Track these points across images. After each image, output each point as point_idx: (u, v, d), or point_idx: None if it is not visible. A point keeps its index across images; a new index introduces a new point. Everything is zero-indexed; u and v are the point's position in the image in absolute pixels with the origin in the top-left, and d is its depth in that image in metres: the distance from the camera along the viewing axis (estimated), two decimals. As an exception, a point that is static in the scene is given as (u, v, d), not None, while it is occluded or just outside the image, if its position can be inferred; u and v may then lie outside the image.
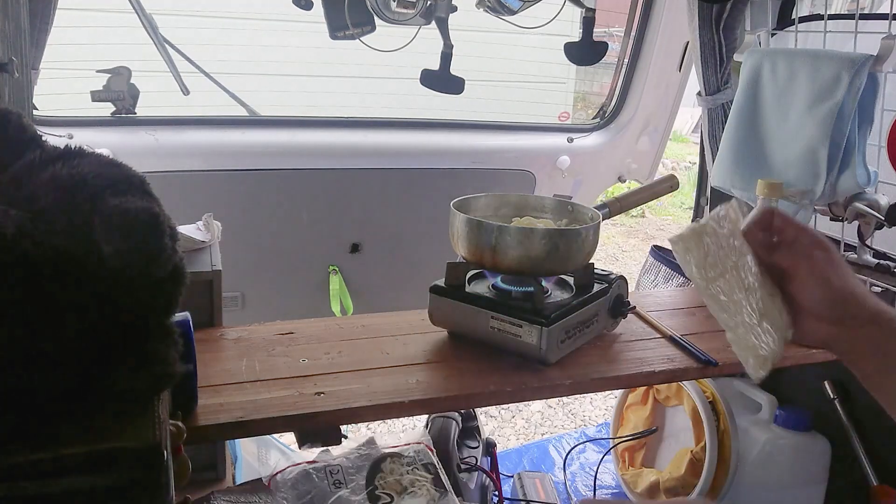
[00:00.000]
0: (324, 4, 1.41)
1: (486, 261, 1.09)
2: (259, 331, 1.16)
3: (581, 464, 2.12)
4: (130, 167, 0.67)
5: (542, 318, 1.05)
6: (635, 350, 1.18)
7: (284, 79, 3.47)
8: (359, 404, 0.95)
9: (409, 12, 1.40)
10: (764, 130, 1.44)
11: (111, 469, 0.56)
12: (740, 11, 1.61)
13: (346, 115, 2.11)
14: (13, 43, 1.05)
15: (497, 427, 2.79)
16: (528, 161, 2.14)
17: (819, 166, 1.32)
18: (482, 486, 1.58)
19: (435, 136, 2.11)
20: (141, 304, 0.63)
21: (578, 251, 1.09)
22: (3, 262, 0.55)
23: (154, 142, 1.77)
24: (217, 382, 0.98)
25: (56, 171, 0.63)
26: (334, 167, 1.96)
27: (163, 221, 0.60)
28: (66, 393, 0.59)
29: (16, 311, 0.55)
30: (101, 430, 0.58)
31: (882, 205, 1.30)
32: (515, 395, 1.05)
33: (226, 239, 1.28)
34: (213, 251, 1.22)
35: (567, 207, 1.25)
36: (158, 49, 1.82)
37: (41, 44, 1.34)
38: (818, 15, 1.54)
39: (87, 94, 1.71)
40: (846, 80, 1.27)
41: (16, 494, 0.54)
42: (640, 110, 2.18)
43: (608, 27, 3.59)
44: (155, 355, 0.65)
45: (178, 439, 0.75)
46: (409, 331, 1.19)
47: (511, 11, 1.46)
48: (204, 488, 1.14)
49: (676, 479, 1.73)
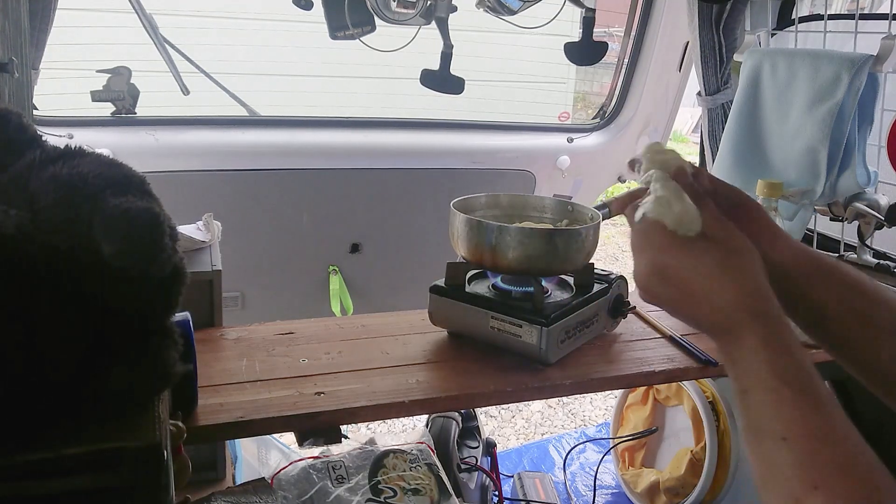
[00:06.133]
0: (324, 4, 1.41)
1: (486, 261, 1.09)
2: (259, 331, 1.16)
3: (581, 464, 2.12)
4: (130, 167, 0.67)
5: (542, 318, 1.05)
6: (635, 350, 1.18)
7: (284, 79, 3.47)
8: (359, 404, 0.95)
9: (409, 12, 1.40)
10: (764, 130, 1.44)
11: (111, 469, 0.56)
12: (740, 11, 1.61)
13: (346, 115, 2.11)
14: (13, 43, 1.05)
15: (497, 427, 2.79)
16: (528, 161, 2.14)
17: (819, 166, 1.32)
18: (482, 486, 1.58)
19: (435, 136, 2.11)
20: (141, 304, 0.63)
21: (578, 251, 1.09)
22: (3, 261, 0.55)
23: (154, 142, 1.77)
24: (217, 382, 0.98)
25: (56, 171, 0.63)
26: (334, 167, 1.96)
27: (163, 221, 0.60)
28: (66, 393, 0.59)
29: (16, 311, 0.55)
30: (101, 430, 0.58)
31: (882, 205, 1.30)
32: (515, 395, 1.05)
33: (226, 239, 1.28)
34: (213, 251, 1.22)
35: (567, 207, 1.24)
36: (158, 49, 1.82)
37: (41, 44, 1.34)
38: (818, 15, 1.54)
39: (87, 94, 1.71)
40: (846, 80, 1.27)
41: (16, 494, 0.54)
42: (640, 110, 2.18)
43: (608, 27, 3.59)
44: (155, 355, 0.65)
45: (178, 439, 0.75)
46: (409, 331, 1.19)
47: (511, 11, 1.46)
48: (204, 488, 1.14)
49: (676, 479, 1.73)
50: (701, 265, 0.58)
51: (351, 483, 1.18)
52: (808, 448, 0.49)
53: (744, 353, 0.55)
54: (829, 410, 0.51)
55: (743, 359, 0.55)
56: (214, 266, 1.15)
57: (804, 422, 0.50)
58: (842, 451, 0.49)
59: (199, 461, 1.17)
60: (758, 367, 0.53)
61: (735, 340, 0.56)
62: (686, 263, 0.58)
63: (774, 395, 0.52)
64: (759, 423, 0.52)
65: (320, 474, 1.18)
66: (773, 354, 0.53)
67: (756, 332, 0.54)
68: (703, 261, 0.58)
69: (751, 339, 0.54)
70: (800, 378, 0.52)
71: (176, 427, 0.75)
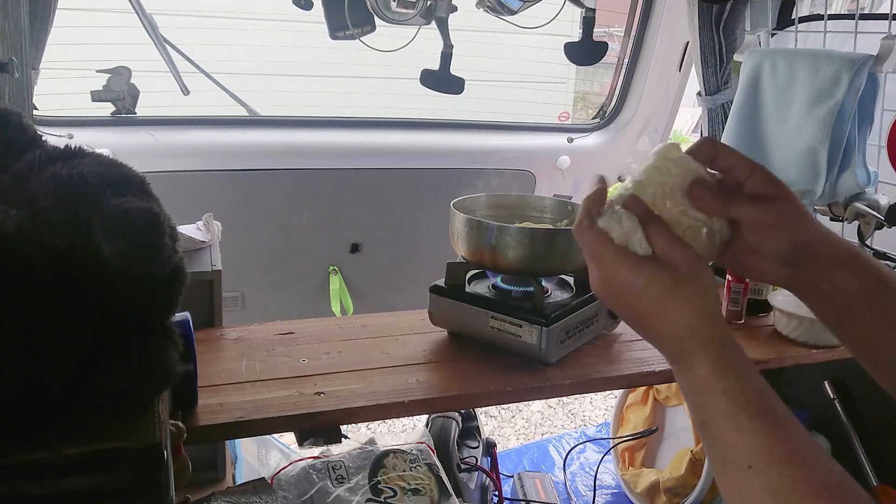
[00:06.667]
0: (324, 4, 1.41)
1: (486, 261, 1.09)
2: (259, 331, 1.16)
3: (581, 464, 2.12)
4: (130, 167, 0.67)
5: (542, 318, 1.05)
6: (635, 350, 1.18)
7: (284, 79, 3.46)
8: (359, 404, 0.95)
9: (409, 12, 1.40)
10: (764, 130, 1.44)
11: (111, 469, 0.56)
12: (740, 11, 1.61)
13: (346, 115, 2.11)
14: (13, 43, 1.05)
15: (497, 427, 2.79)
16: (528, 161, 2.14)
17: (819, 166, 1.32)
18: (482, 486, 1.58)
19: (435, 136, 2.11)
20: (141, 304, 0.63)
21: (578, 251, 1.08)
22: (3, 261, 0.55)
23: (154, 142, 1.77)
24: (217, 382, 0.98)
25: (56, 171, 0.63)
26: (334, 167, 1.96)
27: (163, 221, 0.60)
28: (66, 393, 0.59)
29: (16, 311, 0.55)
30: (101, 430, 0.58)
31: (882, 205, 1.30)
32: (515, 395, 1.05)
33: (226, 239, 1.28)
34: (213, 251, 1.22)
35: (567, 207, 1.24)
36: (158, 49, 1.82)
37: (41, 44, 1.34)
38: (818, 15, 1.54)
39: (87, 94, 1.71)
40: (846, 80, 1.27)
41: (16, 494, 0.54)
42: (640, 110, 2.18)
43: (608, 27, 3.58)
44: (155, 355, 0.65)
45: (178, 439, 0.75)
46: (409, 331, 1.19)
47: (511, 11, 1.46)
48: (204, 488, 1.14)
49: (676, 479, 1.73)
50: (650, 288, 0.56)
51: (351, 483, 1.18)
52: (776, 473, 0.47)
53: (697, 383, 0.54)
54: (791, 431, 0.49)
55: (696, 389, 0.54)
56: (214, 266, 1.15)
57: (768, 447, 0.49)
58: (809, 472, 0.47)
59: (199, 461, 1.17)
60: (711, 396, 0.52)
61: (687, 369, 0.54)
62: (635, 283, 0.57)
63: (733, 423, 0.50)
64: (723, 454, 0.51)
65: (320, 474, 1.18)
66: (725, 382, 0.52)
67: (706, 360, 0.53)
68: (651, 284, 0.56)
69: (701, 367, 0.53)
70: (755, 402, 0.51)
71: (176, 427, 0.75)
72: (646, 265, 0.57)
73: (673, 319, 0.56)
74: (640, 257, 0.58)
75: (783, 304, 1.22)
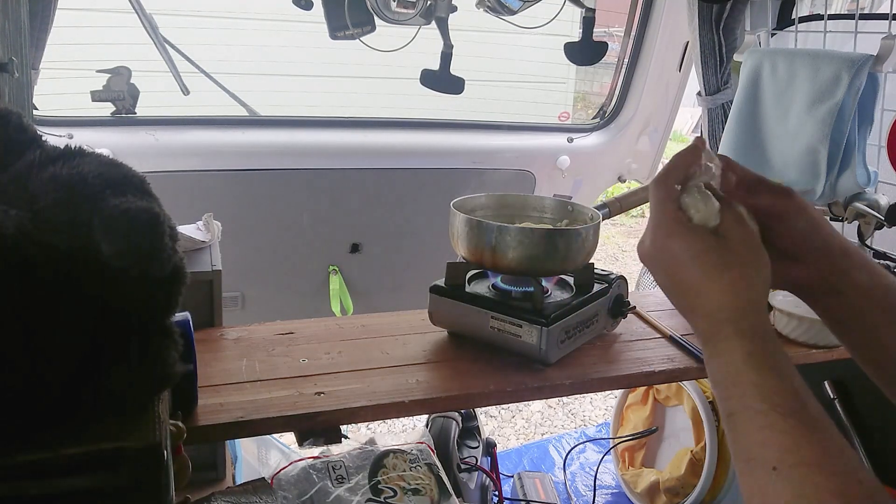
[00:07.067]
0: (324, 4, 1.41)
1: (486, 261, 1.09)
2: (259, 331, 1.16)
3: (581, 464, 2.12)
4: (130, 167, 0.67)
5: (542, 318, 1.05)
6: (635, 350, 1.18)
7: (284, 79, 3.46)
8: (359, 404, 0.95)
9: (409, 12, 1.40)
10: (764, 130, 1.44)
11: (111, 469, 0.56)
12: (740, 11, 1.61)
13: (346, 115, 2.11)
14: (13, 43, 1.05)
15: (497, 427, 2.79)
16: (528, 161, 2.14)
17: (819, 166, 1.32)
18: (482, 486, 1.58)
19: (435, 136, 2.11)
20: (141, 305, 0.63)
21: (578, 251, 1.09)
22: (3, 261, 0.55)
23: (154, 142, 1.77)
24: (217, 382, 0.98)
25: (56, 171, 0.63)
26: (334, 167, 1.96)
27: (163, 221, 0.60)
28: (65, 393, 0.59)
29: (16, 311, 0.55)
30: (101, 430, 0.58)
31: (882, 205, 1.30)
32: (515, 395, 1.05)
33: (226, 239, 1.28)
34: (213, 251, 1.22)
35: (567, 207, 1.24)
36: (158, 49, 1.82)
37: (41, 44, 1.34)
38: (818, 15, 1.54)
39: (87, 94, 1.71)
40: (846, 80, 1.27)
41: (16, 494, 0.54)
42: (640, 110, 2.18)
43: (608, 27, 3.58)
44: (155, 355, 0.65)
45: (178, 439, 0.75)
46: (409, 331, 1.19)
47: (511, 11, 1.46)
48: (204, 488, 1.14)
49: (676, 479, 1.73)
50: (699, 259, 0.54)
51: (351, 483, 1.18)
52: (801, 477, 0.45)
53: (728, 372, 0.51)
54: (823, 435, 0.47)
55: (727, 378, 0.51)
56: (214, 266, 1.15)
57: (796, 449, 0.46)
58: (837, 480, 0.45)
59: (199, 461, 1.17)
60: (742, 388, 0.50)
61: (720, 355, 0.52)
62: (686, 251, 0.55)
63: (762, 419, 0.48)
64: (748, 450, 0.48)
65: (320, 474, 1.18)
66: (759, 375, 0.49)
67: (741, 349, 0.51)
68: (702, 256, 0.54)
69: (735, 355, 0.51)
70: (788, 400, 0.48)
71: (176, 427, 0.75)
72: (702, 236, 0.55)
73: (714, 297, 0.53)
74: (699, 227, 0.56)
75: (783, 304, 1.22)
